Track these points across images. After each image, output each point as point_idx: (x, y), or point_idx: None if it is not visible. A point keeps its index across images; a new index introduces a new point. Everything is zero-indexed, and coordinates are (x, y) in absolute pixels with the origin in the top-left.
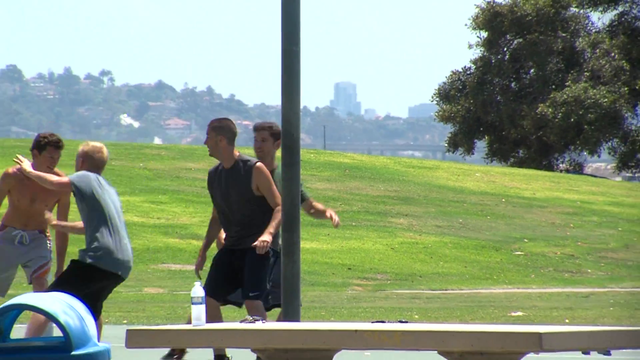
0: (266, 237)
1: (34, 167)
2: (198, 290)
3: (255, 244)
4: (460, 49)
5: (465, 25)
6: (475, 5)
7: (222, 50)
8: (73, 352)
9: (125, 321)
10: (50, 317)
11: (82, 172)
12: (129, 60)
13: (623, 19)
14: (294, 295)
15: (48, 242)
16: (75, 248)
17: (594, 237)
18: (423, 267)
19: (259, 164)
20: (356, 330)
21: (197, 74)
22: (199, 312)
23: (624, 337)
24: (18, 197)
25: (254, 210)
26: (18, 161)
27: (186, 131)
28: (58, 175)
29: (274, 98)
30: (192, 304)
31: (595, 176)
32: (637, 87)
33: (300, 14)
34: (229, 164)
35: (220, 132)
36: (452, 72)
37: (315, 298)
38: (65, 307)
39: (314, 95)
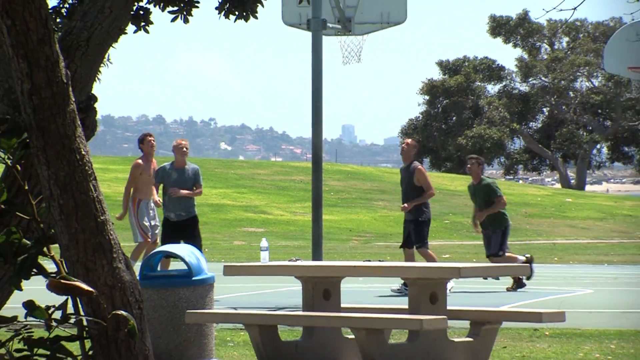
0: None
1: (144, 154)
2: (264, 243)
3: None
4: (414, 105)
5: (416, 92)
6: (421, 81)
7: (278, 104)
8: (193, 278)
9: (222, 260)
10: (180, 258)
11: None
12: (226, 110)
13: (505, 88)
14: (319, 246)
15: None
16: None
17: None
18: (392, 229)
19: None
20: (355, 266)
21: (264, 118)
22: (264, 256)
23: (506, 270)
24: (148, 175)
25: None
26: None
27: (258, 152)
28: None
29: (308, 133)
30: (261, 251)
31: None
32: (513, 128)
33: (322, 86)
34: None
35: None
36: (409, 119)
37: (331, 247)
38: (188, 252)
39: (329, 131)
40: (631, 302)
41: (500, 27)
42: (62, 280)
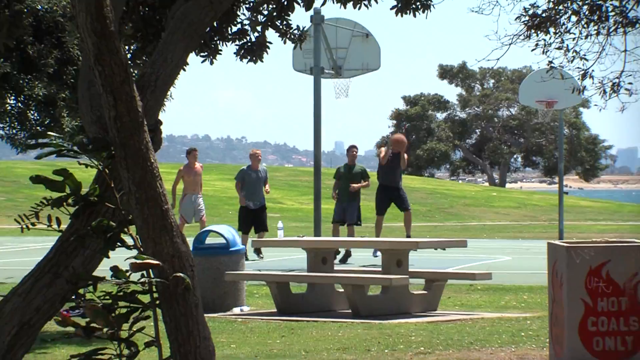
0: None
1: (188, 162)
2: (280, 225)
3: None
4: (385, 127)
5: (387, 118)
6: (390, 110)
7: (290, 125)
8: (230, 249)
9: (251, 237)
10: (221, 234)
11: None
12: (253, 131)
13: (449, 115)
14: (319, 226)
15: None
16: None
17: (432, 203)
18: (369, 215)
19: None
20: (343, 240)
21: (280, 136)
22: (280, 233)
23: (447, 243)
24: (189, 177)
25: None
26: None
27: (275, 160)
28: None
29: (311, 146)
30: (278, 230)
31: (439, 178)
32: (455, 144)
33: (321, 113)
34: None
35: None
36: (382, 136)
37: (328, 227)
38: (226, 230)
39: (326, 145)
40: (538, 265)
41: (446, 73)
42: (139, 262)
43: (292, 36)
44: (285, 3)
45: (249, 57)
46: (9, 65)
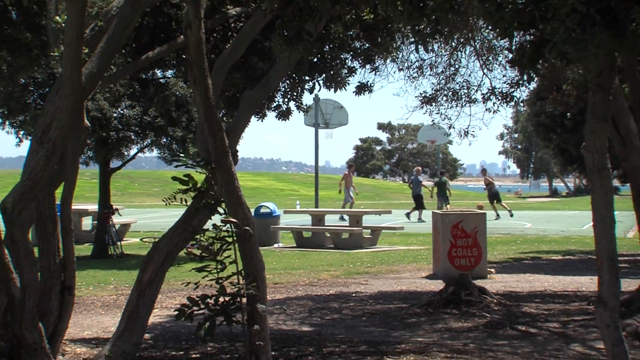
0: None
1: (349, 170)
2: (297, 202)
3: None
4: (350, 153)
5: (351, 149)
6: (353, 145)
7: (303, 152)
8: (272, 215)
9: (283, 208)
10: (268, 207)
11: None
12: (285, 155)
13: (382, 148)
14: (317, 203)
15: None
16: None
17: (374, 191)
18: (342, 196)
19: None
20: (331, 210)
21: (299, 157)
22: (298, 207)
23: (381, 211)
24: (347, 177)
25: None
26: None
27: (295, 171)
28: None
29: (313, 162)
30: (297, 205)
31: (377, 179)
32: (385, 162)
33: (319, 146)
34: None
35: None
36: (349, 158)
37: (322, 204)
38: (271, 205)
39: (320, 163)
40: (428, 223)
41: (381, 126)
42: (226, 219)
43: (304, 109)
44: (300, 87)
45: (282, 118)
46: (163, 121)
